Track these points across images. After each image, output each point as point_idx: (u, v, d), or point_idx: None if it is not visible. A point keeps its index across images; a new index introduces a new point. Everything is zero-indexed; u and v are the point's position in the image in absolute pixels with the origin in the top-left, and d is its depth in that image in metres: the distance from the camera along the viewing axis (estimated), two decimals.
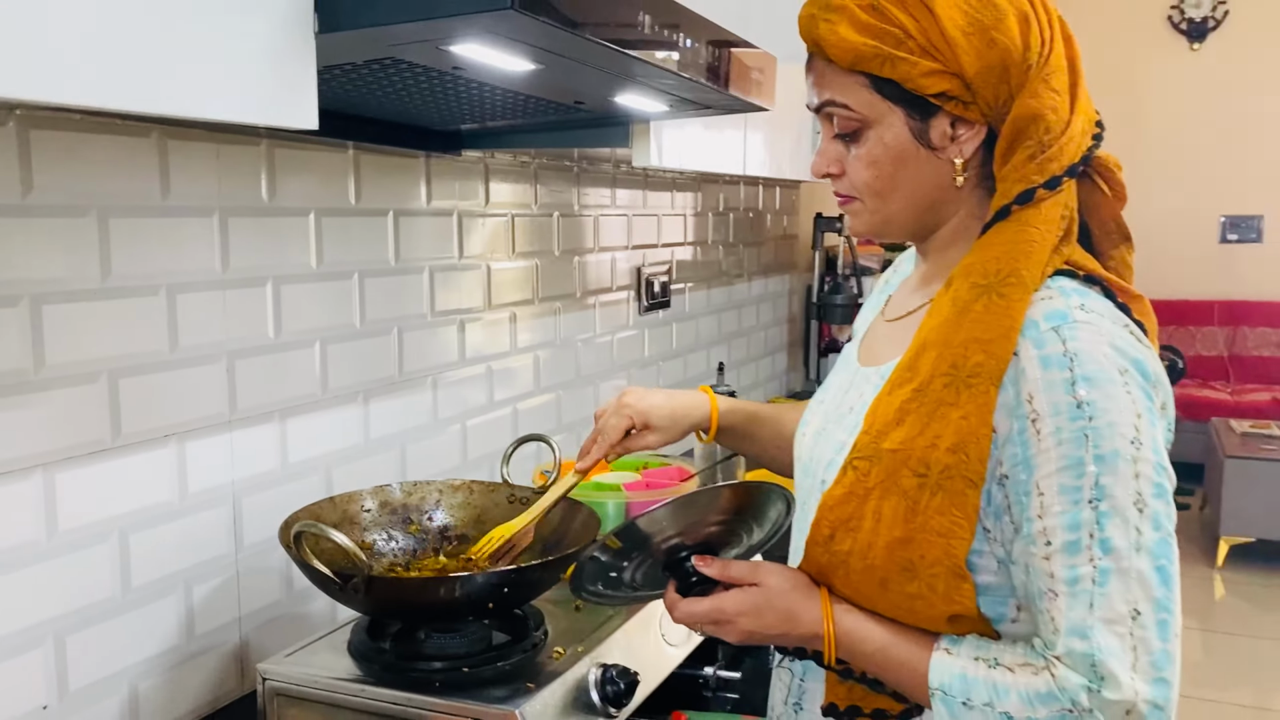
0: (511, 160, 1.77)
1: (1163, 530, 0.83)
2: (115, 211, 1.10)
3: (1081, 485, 0.82)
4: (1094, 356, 0.84)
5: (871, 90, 0.91)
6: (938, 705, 0.86)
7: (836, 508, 0.91)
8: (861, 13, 0.89)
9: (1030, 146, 0.89)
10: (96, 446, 1.09)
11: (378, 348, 1.49)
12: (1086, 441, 0.82)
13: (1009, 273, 0.87)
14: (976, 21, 0.88)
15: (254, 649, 1.30)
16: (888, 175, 0.93)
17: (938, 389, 0.87)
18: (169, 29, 0.73)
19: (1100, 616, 0.81)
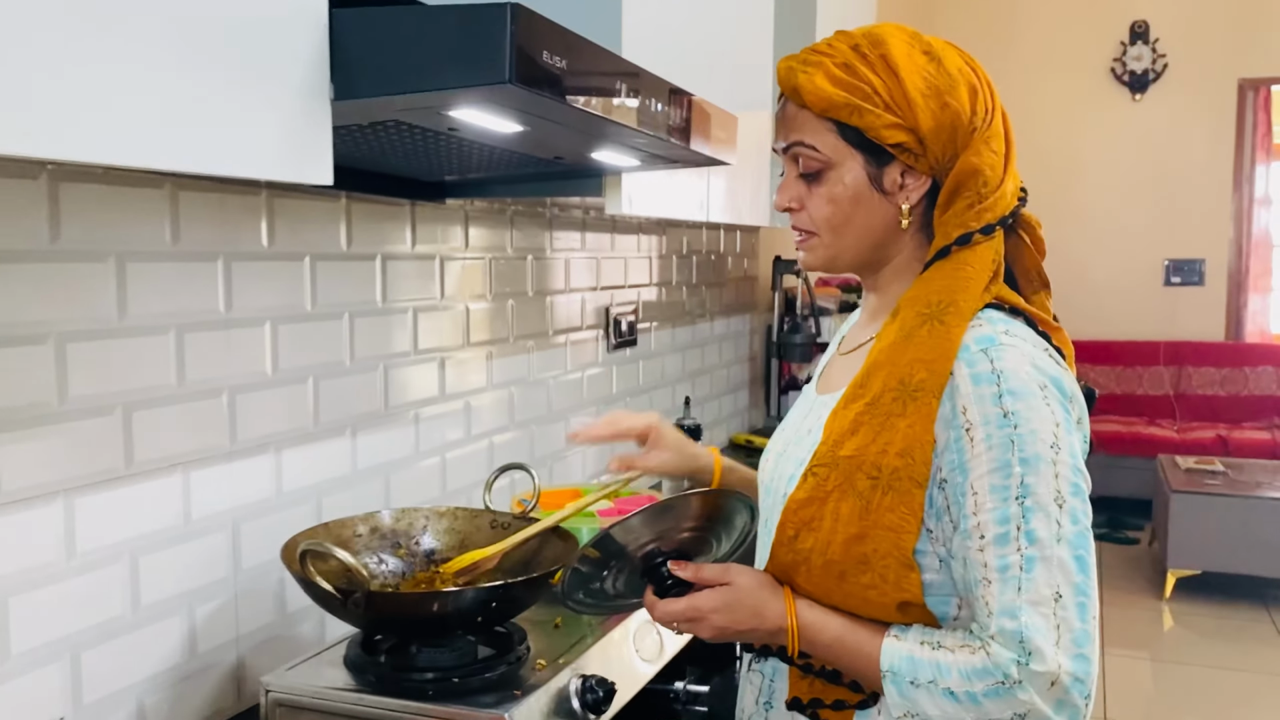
0: (489, 206, 1.88)
1: (1080, 525, 0.96)
2: (132, 257, 1.19)
3: (1009, 484, 0.94)
4: (1018, 373, 0.97)
5: (837, 136, 1.04)
6: (888, 686, 0.97)
7: (800, 510, 1.02)
8: (836, 69, 1.03)
9: (969, 197, 1.04)
10: (111, 474, 1.17)
11: (365, 384, 1.58)
12: (1013, 446, 0.95)
13: (949, 303, 1.01)
14: (934, 87, 1.02)
15: (250, 667, 1.38)
16: (844, 213, 1.06)
17: (887, 402, 0.99)
18: (207, 98, 0.83)
19: (1027, 599, 0.93)
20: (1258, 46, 6.15)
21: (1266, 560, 4.47)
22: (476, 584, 1.25)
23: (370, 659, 1.22)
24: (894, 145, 1.03)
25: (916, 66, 1.02)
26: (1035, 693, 0.92)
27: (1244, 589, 4.70)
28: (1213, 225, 6.36)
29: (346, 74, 0.95)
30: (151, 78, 0.78)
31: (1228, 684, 3.81)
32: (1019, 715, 0.93)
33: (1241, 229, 6.45)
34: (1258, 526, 4.46)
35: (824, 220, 1.07)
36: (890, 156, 1.04)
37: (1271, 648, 4.17)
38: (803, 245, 1.11)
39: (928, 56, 1.03)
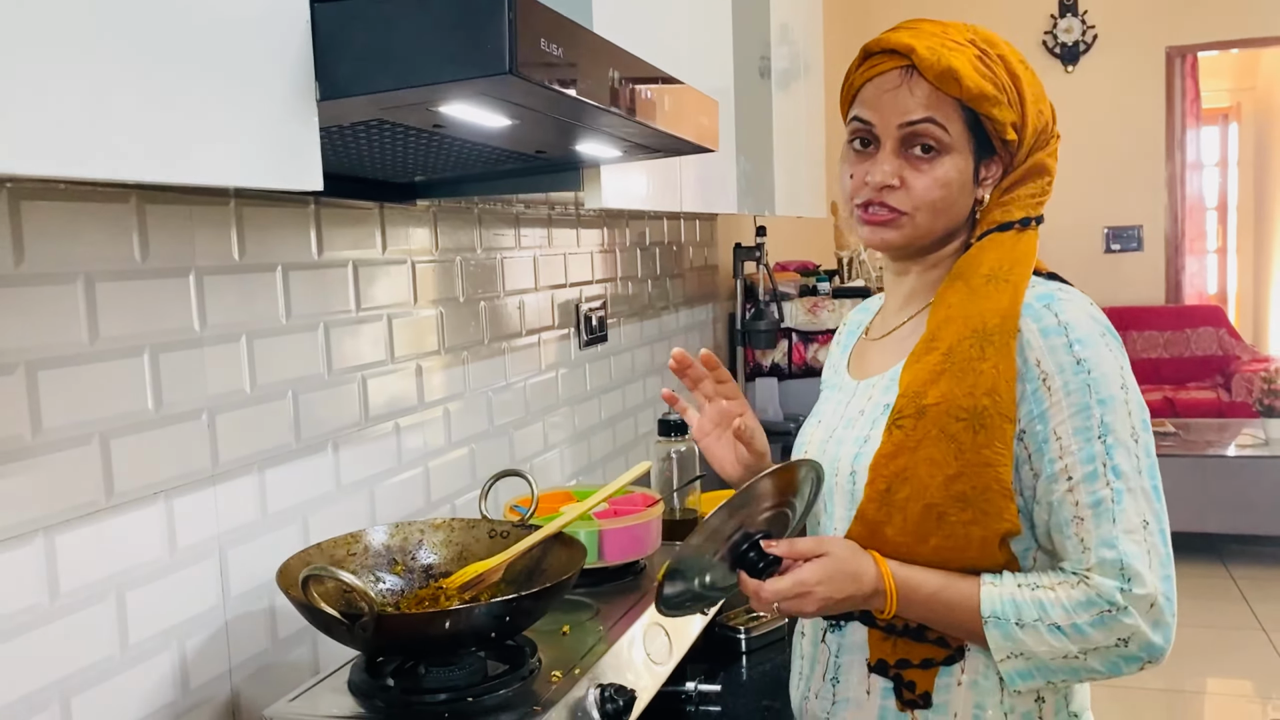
0: (457, 205, 1.82)
1: (1152, 457, 1.04)
2: (101, 276, 1.12)
3: (1091, 425, 1.01)
4: (1081, 323, 1.04)
5: (963, 123, 1.10)
6: (991, 631, 1.02)
7: (889, 463, 1.07)
8: (976, 60, 1.09)
9: (1034, 188, 1.15)
10: (92, 507, 1.11)
11: (344, 395, 1.52)
12: (1089, 390, 1.02)
13: (1012, 266, 1.09)
14: (1036, 93, 1.13)
15: (245, 699, 1.32)
16: (950, 198, 1.12)
17: (965, 349, 1.05)
18: (188, 103, 0.77)
19: (1122, 529, 1.00)
20: (1183, 14, 6.27)
21: (1221, 517, 4.57)
22: (483, 598, 1.21)
23: (376, 683, 1.17)
24: (1004, 141, 1.11)
25: (1025, 75, 1.12)
26: (1138, 615, 0.99)
27: (1201, 546, 4.80)
28: (1148, 191, 6.48)
29: (333, 72, 0.90)
30: (129, 86, 0.72)
31: (1191, 640, 3.89)
32: (1122, 640, 0.99)
33: (1176, 194, 6.58)
34: (1211, 484, 4.55)
35: (929, 203, 1.11)
36: (993, 151, 1.12)
37: (1231, 602, 4.26)
38: (886, 223, 1.12)
39: (1024, 65, 1.12)
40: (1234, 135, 8.63)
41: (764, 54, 2.71)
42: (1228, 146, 8.65)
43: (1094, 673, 1.02)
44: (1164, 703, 3.43)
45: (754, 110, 2.59)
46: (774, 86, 2.77)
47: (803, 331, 3.39)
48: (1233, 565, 4.66)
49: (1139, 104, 6.39)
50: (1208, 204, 7.94)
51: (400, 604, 1.28)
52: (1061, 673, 1.03)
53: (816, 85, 3.33)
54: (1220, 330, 6.32)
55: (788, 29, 2.90)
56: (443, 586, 1.24)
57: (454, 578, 1.25)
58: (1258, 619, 4.07)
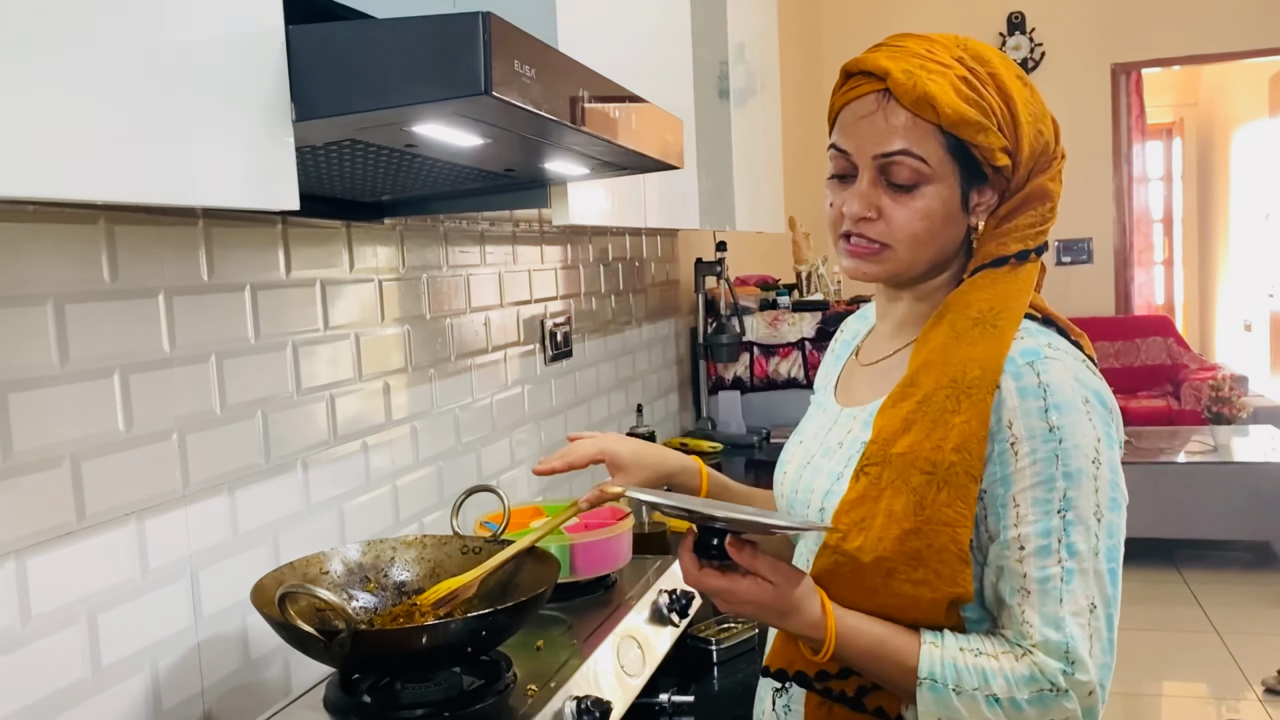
0: (423, 223, 1.83)
1: (1114, 539, 0.99)
2: (70, 297, 1.12)
3: (1052, 498, 0.97)
4: (1062, 388, 0.98)
5: (945, 150, 1.03)
6: (924, 694, 0.97)
7: (851, 510, 1.02)
8: (960, 83, 1.02)
9: (1034, 216, 1.07)
10: (63, 530, 1.10)
11: (313, 415, 1.52)
12: (1057, 461, 0.97)
13: (1001, 310, 1.03)
14: (1034, 114, 1.05)
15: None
16: (934, 230, 1.05)
17: (940, 399, 1.00)
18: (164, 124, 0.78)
19: (1068, 610, 0.96)
20: (1127, 32, 6.43)
21: (1174, 523, 4.66)
22: (458, 613, 1.21)
23: (352, 700, 1.17)
24: (995, 168, 1.04)
25: (1020, 93, 1.04)
26: (1077, 701, 0.95)
27: (1154, 552, 4.90)
28: (1097, 205, 6.62)
29: (308, 93, 0.91)
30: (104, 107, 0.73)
31: (1147, 644, 3.96)
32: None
33: (1124, 207, 6.73)
34: (1163, 490, 4.65)
35: (910, 235, 1.05)
36: (985, 178, 1.05)
37: (1184, 606, 4.35)
38: (868, 256, 1.07)
39: (1022, 83, 1.05)
40: (1178, 150, 8.84)
41: (722, 73, 2.75)
42: (1172, 161, 8.86)
43: None
44: (1120, 706, 3.49)
45: (714, 128, 2.62)
46: (732, 105, 2.80)
47: (764, 345, 3.42)
48: (1186, 569, 4.75)
49: (1086, 119, 6.53)
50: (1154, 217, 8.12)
51: (374, 621, 1.28)
52: None
53: (773, 103, 3.38)
54: (1169, 340, 6.45)
55: (744, 49, 2.95)
56: (417, 603, 1.24)
57: (428, 594, 1.26)
58: (1211, 622, 4.15)
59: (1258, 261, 7.45)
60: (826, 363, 1.31)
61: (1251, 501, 4.56)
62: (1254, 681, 3.59)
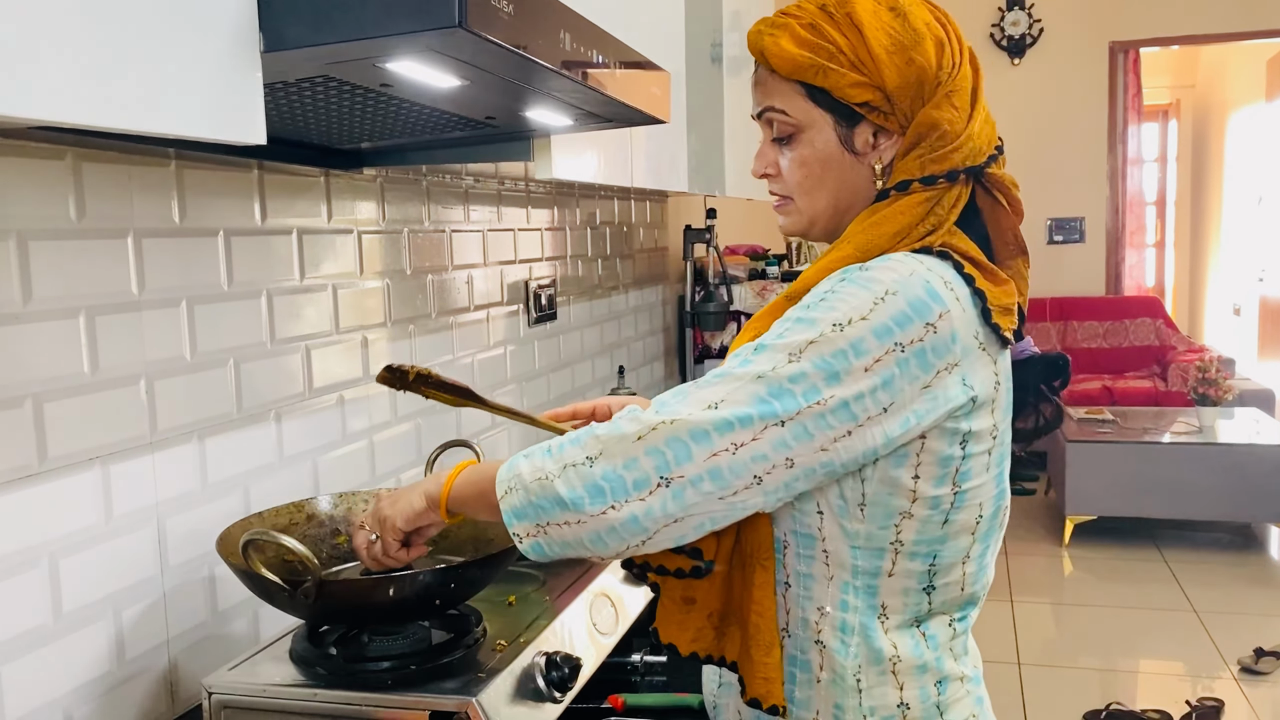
0: (405, 177, 1.80)
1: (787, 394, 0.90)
2: (34, 234, 1.09)
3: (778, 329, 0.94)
4: (872, 274, 0.94)
5: (806, 99, 1.02)
6: (501, 473, 0.96)
7: None
8: (801, 29, 1.01)
9: (925, 148, 1.00)
10: (24, 472, 1.08)
11: (287, 365, 1.50)
12: (806, 308, 0.94)
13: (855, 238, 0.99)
14: (899, 43, 0.99)
15: (183, 670, 1.29)
16: (816, 176, 1.04)
17: (762, 314, 1.01)
18: (125, 47, 0.75)
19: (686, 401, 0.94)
20: (1126, 10, 6.38)
21: (1157, 502, 4.67)
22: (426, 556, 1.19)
23: (318, 652, 1.15)
24: (860, 104, 1.00)
25: (882, 23, 0.99)
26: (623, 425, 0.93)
27: (1137, 531, 4.91)
28: (1091, 185, 6.59)
29: (277, 24, 0.88)
30: (63, 26, 0.70)
31: (1126, 622, 3.98)
32: (590, 458, 0.92)
33: (1117, 188, 6.71)
34: (1147, 470, 4.65)
35: (797, 185, 1.05)
36: (860, 117, 1.01)
37: (1164, 585, 4.36)
38: (780, 209, 1.09)
39: (893, 13, 1.00)
40: (1174, 132, 8.81)
41: (715, 40, 2.71)
42: (1167, 143, 8.83)
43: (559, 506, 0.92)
44: (1097, 681, 3.51)
45: (705, 94, 2.59)
46: (725, 73, 2.77)
47: (751, 314, 3.40)
48: (1166, 549, 4.77)
49: (1083, 98, 6.49)
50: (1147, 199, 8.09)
51: (341, 574, 1.26)
52: (540, 509, 0.93)
53: None
54: (1158, 321, 6.45)
55: (740, 16, 2.90)
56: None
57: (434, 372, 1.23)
58: (1190, 601, 4.17)
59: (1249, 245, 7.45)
60: None
61: (1234, 483, 4.57)
62: (1230, 661, 3.61)
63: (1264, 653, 3.57)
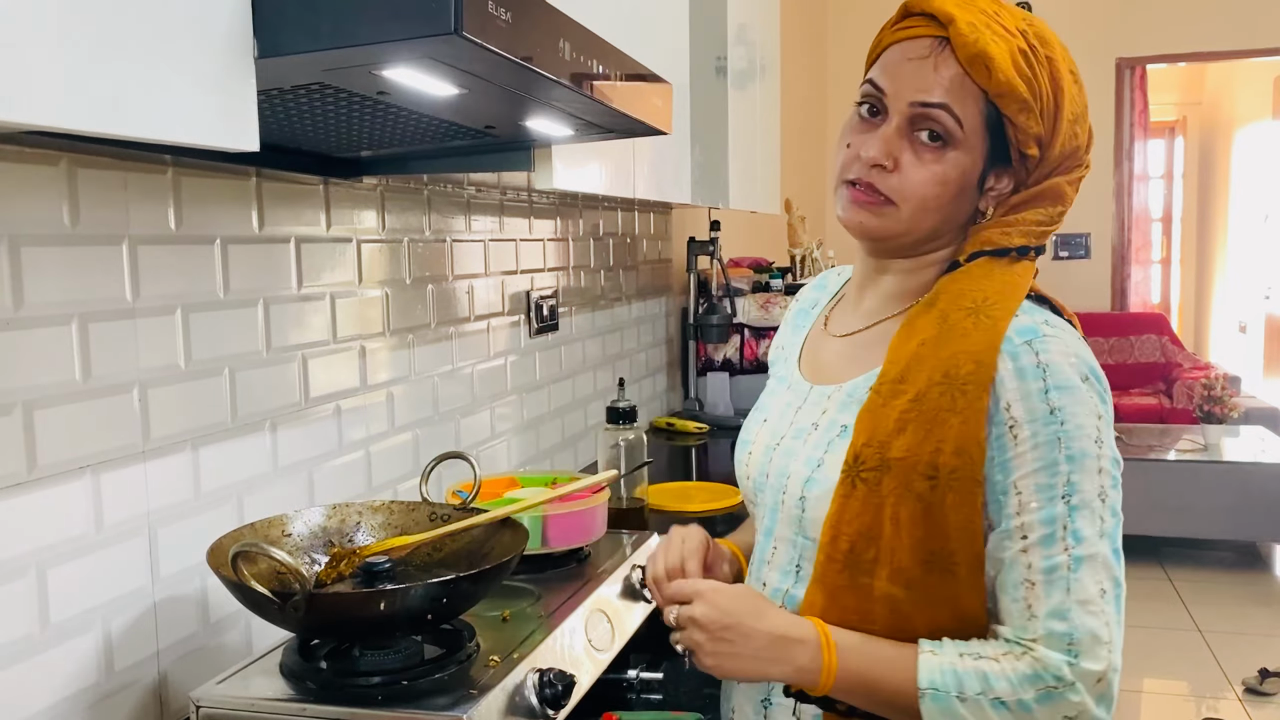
0: (405, 186, 1.79)
1: (1118, 517, 0.95)
2: (27, 240, 1.08)
3: (1055, 483, 0.92)
4: (1062, 367, 0.94)
5: (981, 119, 0.99)
6: (928, 705, 0.92)
7: (854, 520, 0.97)
8: (1018, 54, 0.97)
9: (1043, 214, 1.02)
10: (12, 480, 1.06)
11: (283, 375, 1.48)
12: (1059, 444, 0.92)
13: (997, 301, 0.98)
14: (1075, 114, 1.01)
15: (173, 683, 1.28)
16: (946, 198, 1.01)
17: (934, 397, 0.95)
18: (116, 51, 0.74)
19: (1075, 599, 0.91)
20: (1133, 26, 6.38)
21: (1162, 520, 4.65)
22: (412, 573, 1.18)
23: (309, 666, 1.14)
24: (1022, 155, 1.00)
25: (1069, 89, 1.00)
26: (1085, 692, 0.90)
27: (1140, 549, 4.88)
28: (1097, 201, 6.58)
29: (271, 28, 0.86)
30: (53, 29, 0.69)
31: (1130, 641, 3.94)
32: (1068, 718, 0.91)
33: (1123, 204, 6.69)
34: (1152, 488, 4.63)
35: (920, 198, 1.00)
36: (1009, 162, 1.01)
37: (1169, 604, 4.33)
38: (870, 207, 1.02)
39: (1075, 81, 1.01)
40: (1180, 148, 8.80)
41: (720, 53, 2.70)
42: (1173, 160, 8.82)
43: None
44: None
45: (710, 107, 2.58)
46: (730, 85, 2.76)
47: (755, 327, 3.39)
48: (1171, 568, 4.74)
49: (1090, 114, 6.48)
50: (1153, 215, 8.08)
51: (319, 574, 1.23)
52: None
53: (773, 85, 3.34)
54: (1163, 338, 6.43)
55: (745, 29, 2.90)
56: (358, 551, 1.21)
57: (372, 546, 1.23)
58: (1194, 621, 4.14)
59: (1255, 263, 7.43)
60: (783, 334, 1.25)
61: (1239, 501, 4.55)
62: (1235, 681, 3.58)
63: (1269, 673, 3.54)
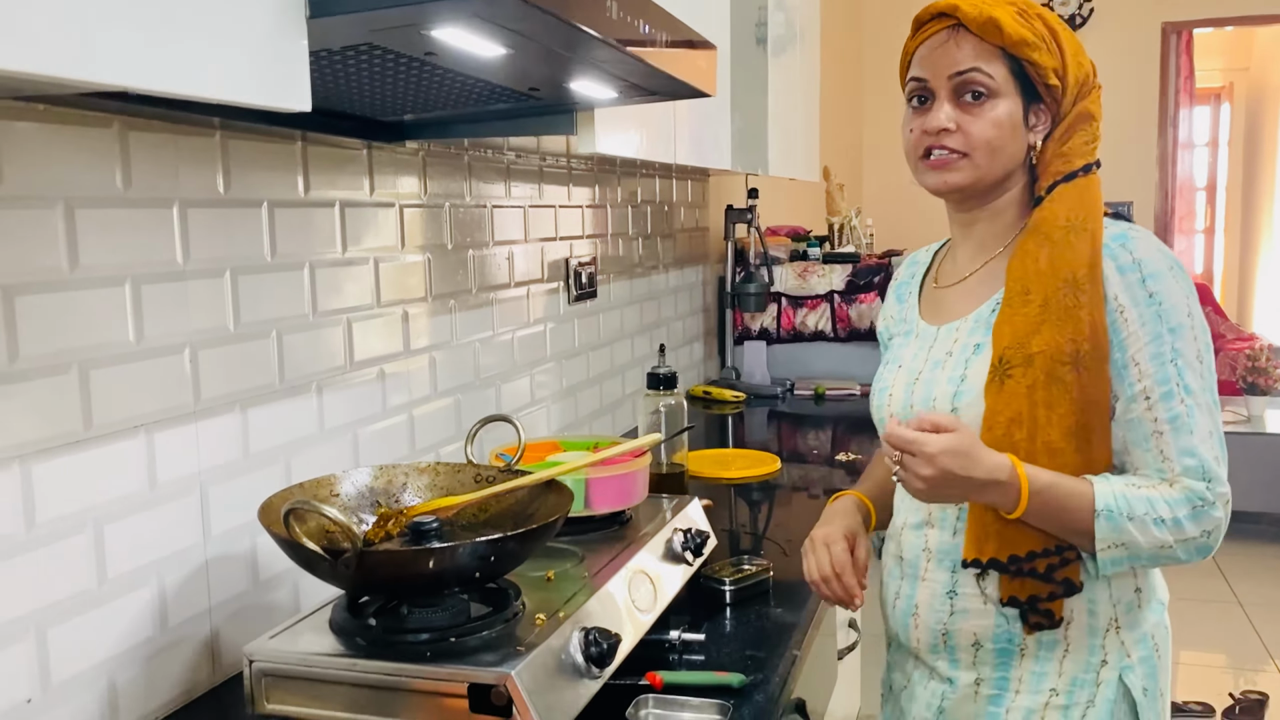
0: (447, 151, 1.80)
1: (1213, 374, 1.20)
2: (81, 203, 1.09)
3: (1164, 351, 1.16)
4: (1153, 259, 1.18)
5: (1006, 68, 1.22)
6: (1101, 524, 1.15)
7: (1004, 409, 1.19)
8: (1016, 14, 1.22)
9: (1085, 135, 1.25)
10: (70, 438, 1.09)
11: (329, 338, 1.50)
12: (1160, 320, 1.17)
13: (1087, 215, 1.21)
14: (1075, 48, 1.25)
15: (224, 639, 1.30)
16: (1003, 138, 1.23)
17: (1060, 299, 1.18)
18: (172, 11, 0.75)
19: (1198, 439, 1.16)
20: None
21: None
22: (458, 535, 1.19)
23: (358, 622, 1.16)
24: (1047, 87, 1.22)
25: (1062, 30, 1.24)
26: (1220, 509, 1.16)
27: None
28: (1139, 169, 6.46)
29: None
30: None
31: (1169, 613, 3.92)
32: (1207, 531, 1.16)
33: (1167, 172, 6.57)
34: None
35: (985, 142, 1.22)
36: (1038, 97, 1.24)
37: (1208, 576, 4.30)
38: (947, 165, 1.24)
39: (1061, 23, 1.25)
40: (1225, 116, 8.62)
41: (760, 20, 2.68)
42: (1219, 127, 8.64)
43: (1173, 560, 1.16)
44: None
45: (749, 74, 2.56)
46: (770, 53, 2.74)
47: (792, 296, 3.37)
48: None
49: (1134, 80, 6.36)
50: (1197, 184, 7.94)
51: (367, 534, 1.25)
52: (1147, 560, 1.17)
53: (812, 53, 3.30)
54: (1206, 309, 6.33)
55: None
56: (404, 511, 1.22)
57: (419, 506, 1.24)
58: (1235, 594, 4.10)
59: None
60: (889, 307, 1.48)
61: None
62: (1275, 654, 3.55)
63: None
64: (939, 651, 1.30)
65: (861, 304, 3.30)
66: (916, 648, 1.33)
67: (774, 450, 2.44)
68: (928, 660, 1.33)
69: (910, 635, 1.33)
